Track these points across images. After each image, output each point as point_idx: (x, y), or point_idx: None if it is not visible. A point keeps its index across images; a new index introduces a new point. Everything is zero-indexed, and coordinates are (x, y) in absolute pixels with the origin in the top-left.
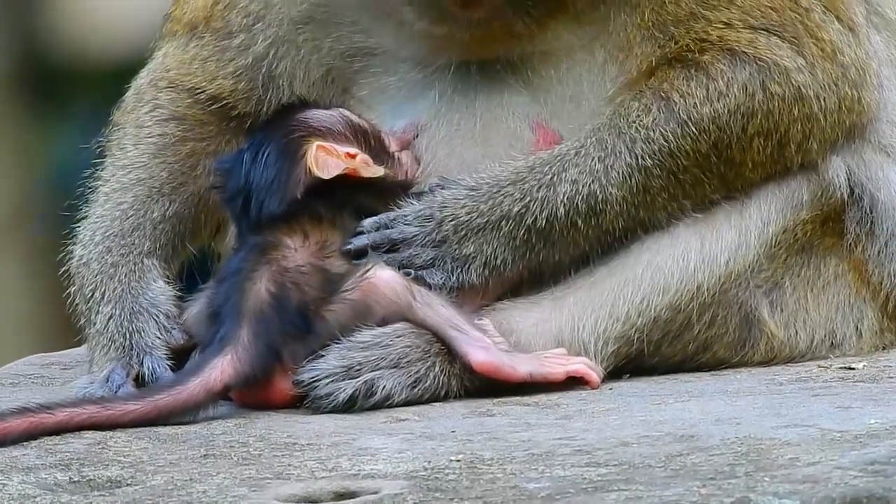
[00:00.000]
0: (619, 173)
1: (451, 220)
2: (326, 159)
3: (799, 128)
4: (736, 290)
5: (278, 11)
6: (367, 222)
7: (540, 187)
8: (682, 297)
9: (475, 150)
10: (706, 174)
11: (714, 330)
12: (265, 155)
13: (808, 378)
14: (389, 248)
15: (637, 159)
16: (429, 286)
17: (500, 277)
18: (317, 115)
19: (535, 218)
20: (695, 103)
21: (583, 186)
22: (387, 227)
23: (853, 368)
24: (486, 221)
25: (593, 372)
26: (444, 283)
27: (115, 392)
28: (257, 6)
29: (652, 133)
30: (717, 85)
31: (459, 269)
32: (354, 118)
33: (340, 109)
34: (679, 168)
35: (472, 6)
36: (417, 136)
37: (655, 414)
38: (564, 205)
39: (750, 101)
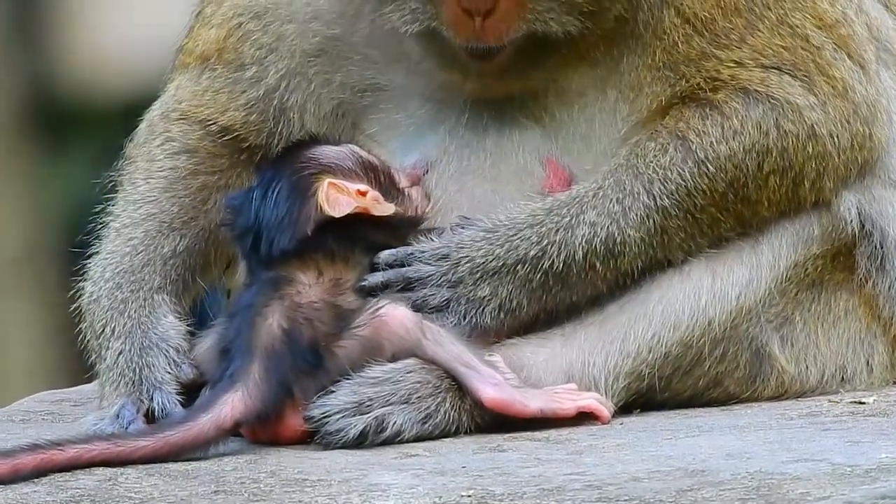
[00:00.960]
0: (637, 215)
1: (466, 262)
2: (337, 197)
3: (813, 165)
4: (747, 326)
5: (290, 44)
6: (384, 255)
7: (558, 230)
8: (692, 332)
9: (485, 186)
10: (723, 213)
11: (725, 365)
12: (275, 192)
13: (819, 412)
14: (404, 287)
15: (655, 200)
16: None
17: (514, 320)
18: (327, 152)
19: (553, 261)
20: (711, 142)
21: (601, 228)
22: (402, 265)
23: (864, 403)
24: (502, 265)
25: (604, 407)
26: (457, 326)
27: (126, 428)
28: (270, 38)
29: (669, 173)
30: (731, 123)
31: (474, 312)
32: (364, 154)
33: (350, 146)
34: (696, 207)
35: (486, 57)
36: (427, 172)
37: (666, 449)
38: (582, 248)
39: (765, 139)
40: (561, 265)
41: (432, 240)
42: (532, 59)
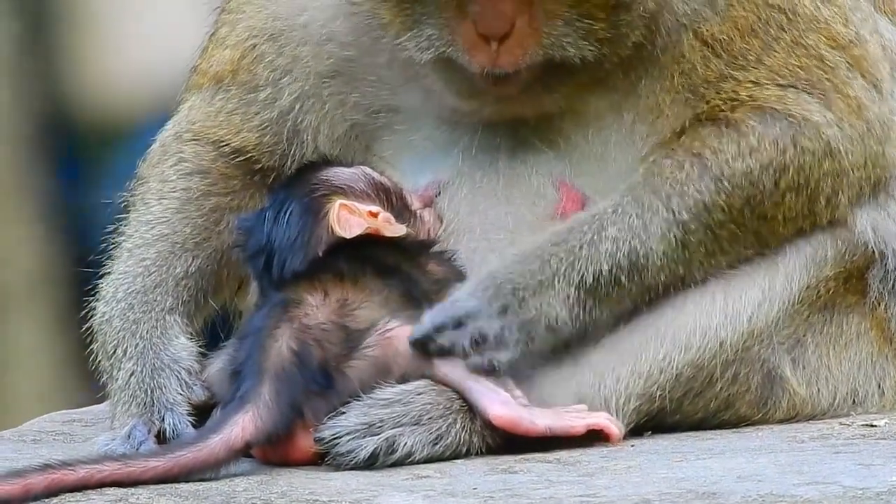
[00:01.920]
0: (657, 228)
1: (508, 285)
2: (349, 218)
3: (829, 182)
4: (758, 348)
5: (305, 66)
6: (429, 311)
7: (581, 246)
8: (704, 354)
9: (498, 209)
10: (741, 229)
11: (736, 387)
12: (287, 213)
13: (830, 435)
14: (455, 326)
15: (674, 214)
16: (494, 368)
17: (558, 341)
18: (339, 174)
19: (583, 276)
20: (727, 159)
21: (623, 243)
22: (446, 309)
23: (875, 426)
24: (540, 281)
25: (613, 426)
26: (511, 360)
27: (137, 449)
28: (285, 61)
29: (686, 188)
30: (748, 141)
31: (525, 338)
32: (377, 176)
33: (363, 167)
34: (715, 223)
35: (502, 83)
36: (440, 193)
37: (677, 471)
38: (608, 262)
39: (781, 156)
40: (591, 279)
41: (460, 286)
42: (548, 85)
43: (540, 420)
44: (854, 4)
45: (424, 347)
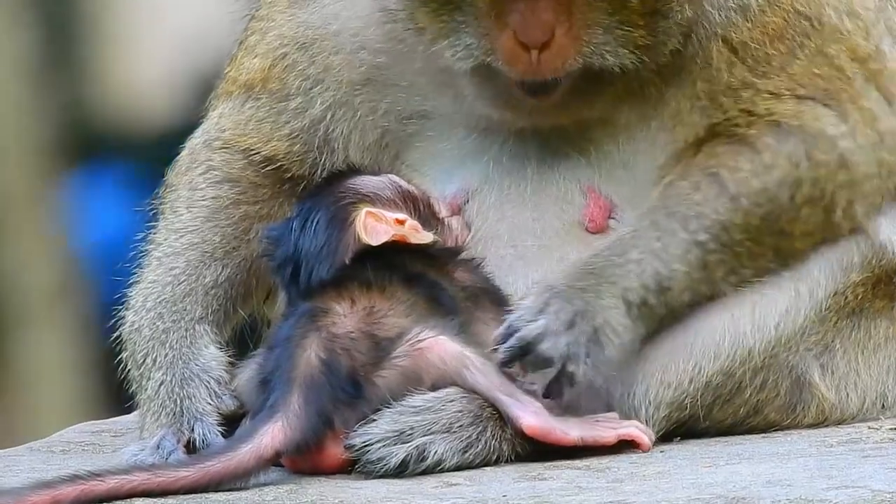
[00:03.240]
0: (678, 249)
1: (572, 292)
2: (375, 226)
3: (844, 193)
4: (786, 354)
5: (337, 75)
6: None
7: (610, 267)
8: (733, 361)
9: (525, 215)
10: (760, 246)
11: (765, 394)
12: (315, 222)
13: (859, 439)
14: (526, 348)
15: (692, 235)
16: (571, 381)
17: (624, 351)
18: (366, 182)
19: (625, 289)
20: (744, 177)
21: (647, 265)
22: (511, 335)
23: None
24: (591, 287)
25: (644, 435)
26: (585, 374)
27: (166, 459)
28: (316, 70)
29: (704, 209)
30: (763, 158)
31: (594, 347)
32: (404, 184)
33: (390, 175)
34: (734, 242)
35: (540, 93)
36: (468, 201)
37: (706, 476)
38: (633, 282)
39: (796, 170)
40: (632, 295)
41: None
42: (585, 94)
43: (572, 430)
44: (878, 16)
45: (511, 363)
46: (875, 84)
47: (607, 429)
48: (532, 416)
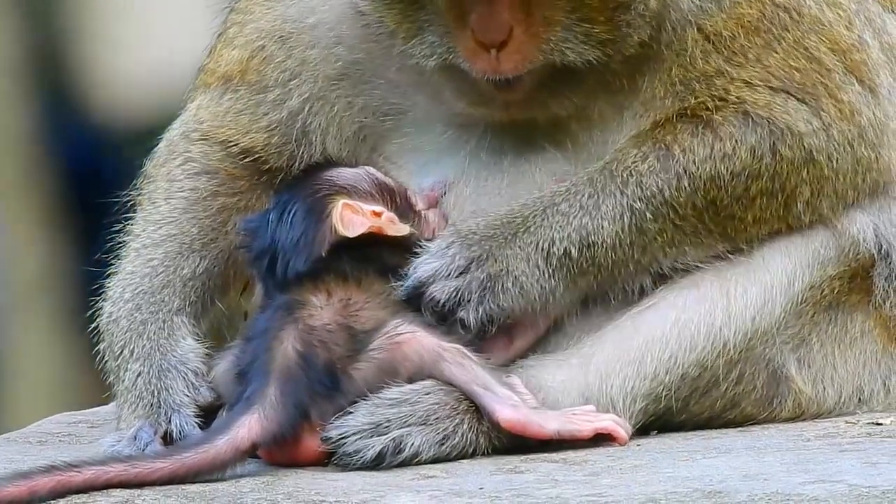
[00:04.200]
0: (609, 209)
1: (474, 236)
2: (352, 217)
3: (807, 188)
4: (763, 347)
5: (314, 69)
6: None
7: (534, 216)
8: (708, 354)
9: (502, 207)
10: (705, 225)
11: (742, 387)
12: (291, 214)
13: (836, 434)
14: (416, 293)
15: (627, 199)
16: (463, 325)
17: (523, 301)
18: (343, 174)
19: (538, 242)
20: (695, 160)
21: (573, 217)
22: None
23: (881, 424)
24: (505, 237)
25: (621, 429)
26: (476, 318)
27: (143, 450)
28: (293, 63)
29: (645, 179)
30: (723, 146)
31: (488, 294)
32: (381, 177)
33: (367, 168)
34: (676, 216)
35: (507, 88)
36: (445, 193)
37: (683, 470)
38: (558, 232)
39: (757, 163)
40: (546, 244)
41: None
42: (554, 89)
43: (548, 423)
44: (859, 7)
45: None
46: (857, 76)
47: (584, 422)
48: (509, 410)
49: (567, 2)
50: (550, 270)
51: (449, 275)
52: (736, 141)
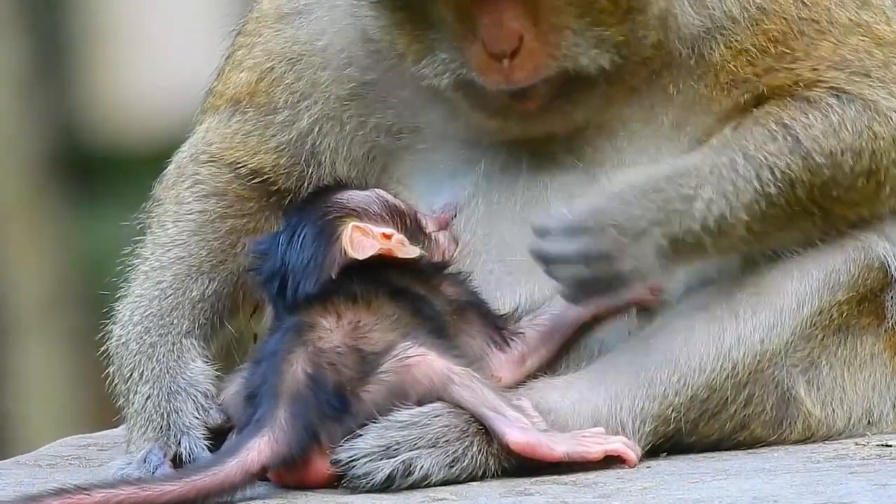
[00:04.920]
0: (747, 198)
1: (612, 228)
2: (361, 240)
3: (894, 169)
4: (772, 369)
5: (325, 90)
6: (555, 225)
7: (679, 199)
8: (717, 375)
9: (514, 230)
10: (814, 207)
11: (751, 409)
12: (301, 236)
13: (846, 455)
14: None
15: (763, 186)
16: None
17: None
18: (353, 196)
19: (674, 229)
20: (816, 136)
21: (715, 207)
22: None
23: (890, 446)
24: (640, 228)
25: (631, 451)
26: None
27: (153, 473)
28: (303, 85)
29: (778, 161)
30: (831, 121)
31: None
32: (391, 199)
33: (377, 190)
34: (795, 199)
35: (523, 99)
36: (457, 215)
37: (693, 492)
38: (699, 222)
39: (859, 140)
40: (681, 234)
41: (560, 213)
42: (571, 97)
43: (558, 446)
44: (892, 6)
45: (542, 256)
46: None
47: (594, 444)
48: (518, 432)
49: (575, 7)
50: (680, 256)
51: (573, 262)
52: (840, 115)
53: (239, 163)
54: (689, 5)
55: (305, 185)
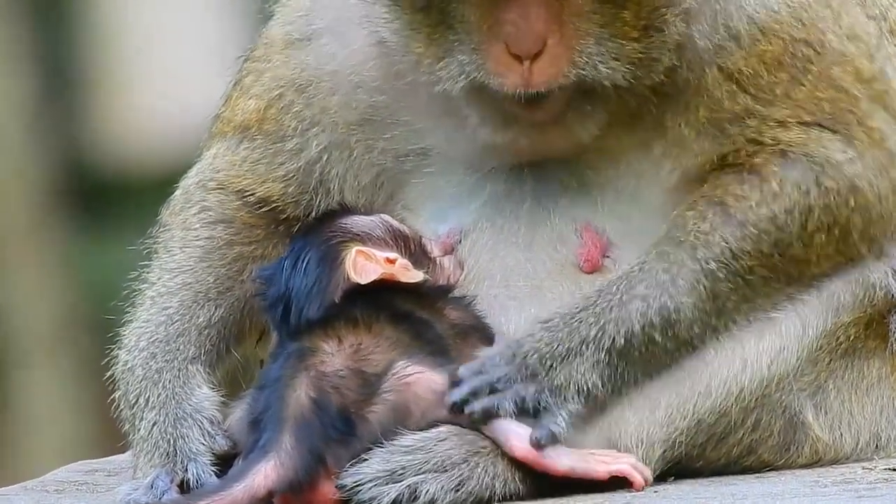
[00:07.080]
0: (685, 281)
1: (534, 354)
2: (365, 264)
3: (858, 217)
4: (779, 394)
5: (334, 116)
6: (463, 370)
7: (611, 307)
8: (724, 400)
9: (518, 255)
10: (773, 272)
11: (758, 433)
12: (305, 261)
13: (853, 480)
14: (491, 391)
15: (701, 264)
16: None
17: (595, 403)
18: (357, 221)
19: (613, 339)
20: (750, 205)
21: (653, 300)
22: (480, 373)
23: None
24: (568, 349)
25: (637, 473)
26: (565, 423)
27: (160, 498)
28: (313, 112)
29: (711, 238)
30: (770, 186)
31: (557, 401)
32: (395, 223)
33: (381, 215)
34: (744, 269)
35: (536, 106)
36: (461, 240)
37: None
38: (638, 321)
39: (805, 198)
40: (622, 341)
41: (488, 350)
42: (581, 112)
43: (562, 459)
44: (878, 43)
45: (463, 410)
46: (882, 104)
47: (600, 463)
48: (524, 441)
49: (600, 16)
50: (631, 360)
51: (525, 379)
52: (780, 179)
53: (247, 191)
54: (707, 25)
55: (314, 213)
